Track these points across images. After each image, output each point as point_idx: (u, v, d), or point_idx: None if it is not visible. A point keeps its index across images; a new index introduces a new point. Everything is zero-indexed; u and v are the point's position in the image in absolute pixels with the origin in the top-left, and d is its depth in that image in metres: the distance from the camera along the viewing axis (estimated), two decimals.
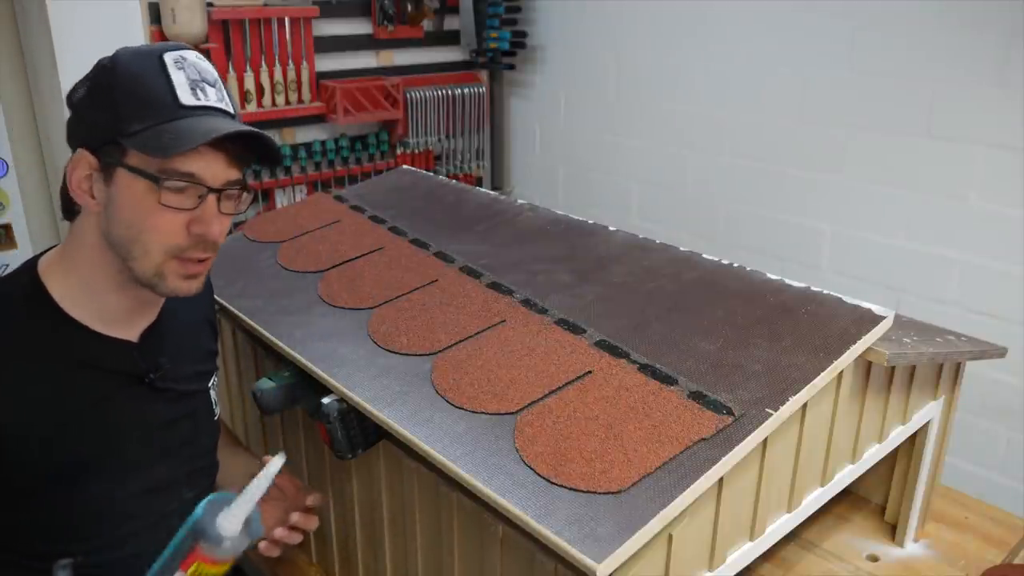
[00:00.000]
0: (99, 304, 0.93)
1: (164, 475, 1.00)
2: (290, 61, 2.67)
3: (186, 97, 0.87)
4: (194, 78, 0.89)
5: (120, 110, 0.86)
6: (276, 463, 0.81)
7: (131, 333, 0.97)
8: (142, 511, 0.98)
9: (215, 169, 0.89)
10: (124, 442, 0.96)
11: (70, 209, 0.94)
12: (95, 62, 0.90)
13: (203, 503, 0.76)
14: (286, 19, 2.62)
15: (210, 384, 1.11)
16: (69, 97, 0.91)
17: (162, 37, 2.39)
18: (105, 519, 0.95)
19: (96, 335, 0.93)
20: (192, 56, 0.91)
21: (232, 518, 0.76)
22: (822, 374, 0.92)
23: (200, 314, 1.13)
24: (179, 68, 0.88)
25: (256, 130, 0.90)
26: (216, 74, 0.93)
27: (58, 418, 0.90)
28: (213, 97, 0.90)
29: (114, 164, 0.87)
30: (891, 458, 1.33)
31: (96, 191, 0.89)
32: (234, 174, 0.91)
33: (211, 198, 0.89)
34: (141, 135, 0.85)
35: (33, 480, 0.89)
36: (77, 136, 0.90)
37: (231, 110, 0.93)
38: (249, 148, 0.92)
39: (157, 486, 0.99)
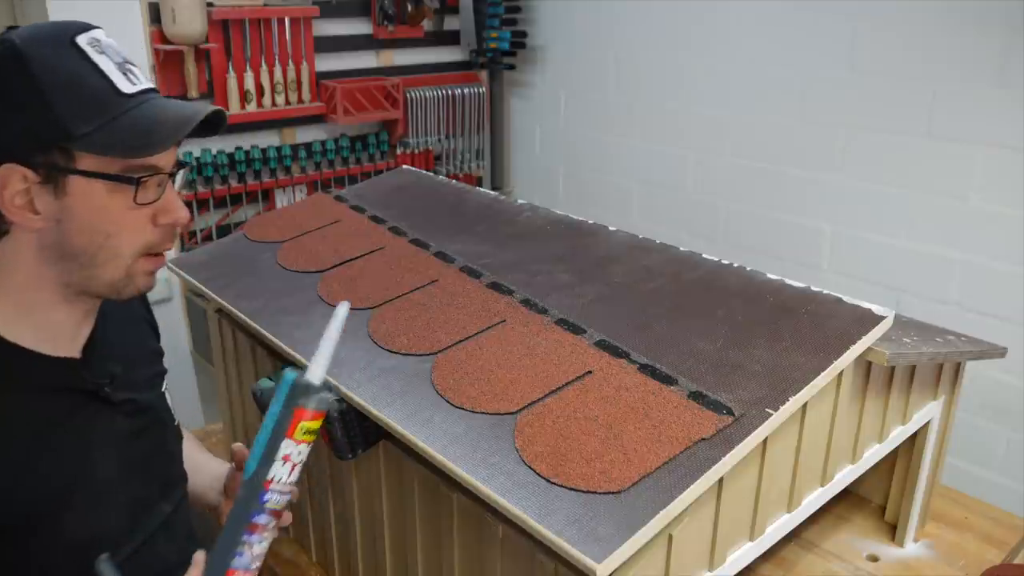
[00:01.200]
0: (38, 323, 0.86)
1: (140, 493, 0.94)
2: (290, 61, 2.67)
3: (124, 84, 0.80)
4: (118, 60, 0.82)
5: (56, 111, 0.76)
6: (343, 307, 0.78)
7: (74, 348, 0.90)
8: (125, 536, 0.92)
9: (169, 154, 0.84)
10: (91, 466, 0.88)
11: None
12: None
13: (286, 374, 0.76)
14: (286, 19, 2.62)
15: (164, 388, 1.04)
16: None
17: (162, 37, 2.39)
18: (88, 550, 0.84)
19: (39, 358, 0.85)
20: (101, 34, 0.83)
21: (319, 368, 0.76)
22: (822, 374, 0.92)
23: (136, 314, 1.06)
24: (100, 52, 0.80)
25: (216, 107, 0.86)
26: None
27: (13, 455, 0.82)
28: (142, 77, 0.84)
29: (63, 172, 0.78)
30: (891, 458, 1.33)
31: (40, 205, 0.79)
32: (175, 153, 0.87)
33: (169, 183, 0.85)
34: (93, 137, 0.77)
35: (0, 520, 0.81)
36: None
37: (155, 84, 0.89)
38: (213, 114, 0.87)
39: (135, 506, 0.93)
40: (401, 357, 1.07)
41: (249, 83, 2.59)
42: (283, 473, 0.74)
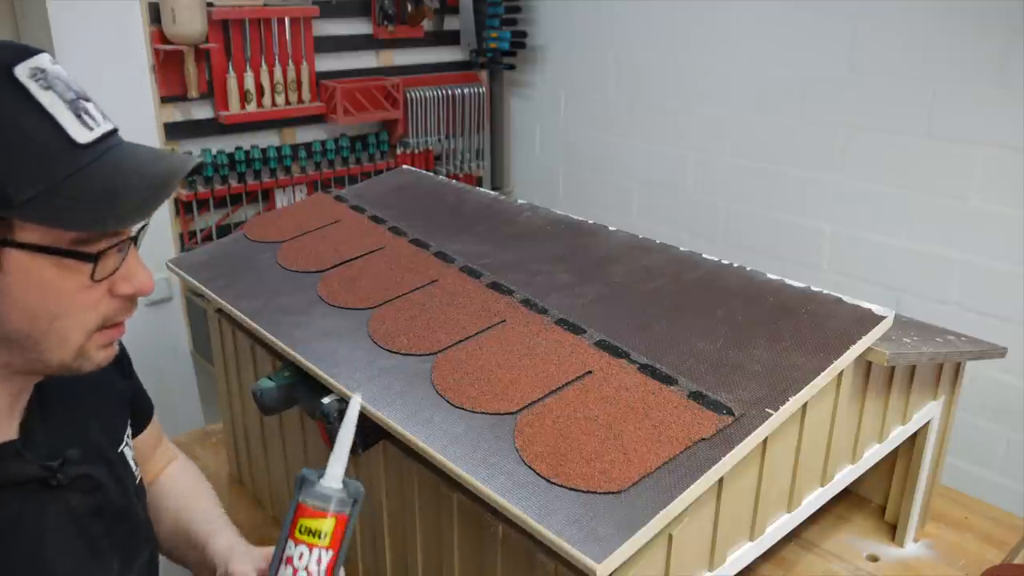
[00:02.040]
0: None
1: (96, 572, 0.82)
2: (290, 61, 2.67)
3: (78, 132, 0.65)
4: (69, 97, 0.65)
5: None
6: (355, 403, 0.72)
7: (9, 429, 0.75)
8: None
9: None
10: (43, 561, 0.75)
11: None
12: None
13: (303, 471, 0.72)
14: (286, 19, 2.62)
15: (124, 445, 0.90)
16: None
17: (162, 37, 2.39)
18: None
19: None
20: (46, 61, 0.66)
21: (332, 474, 0.72)
22: (822, 374, 0.92)
23: None
24: (46, 87, 0.64)
25: (189, 161, 0.71)
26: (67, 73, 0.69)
27: None
28: (99, 117, 0.68)
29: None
30: (891, 458, 1.33)
31: None
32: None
33: (132, 247, 0.71)
34: (37, 203, 0.62)
35: None
36: None
37: (112, 123, 0.70)
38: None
39: None
40: (401, 357, 1.07)
41: (249, 83, 2.59)
42: None
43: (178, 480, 1.10)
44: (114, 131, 0.70)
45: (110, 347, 0.75)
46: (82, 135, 0.65)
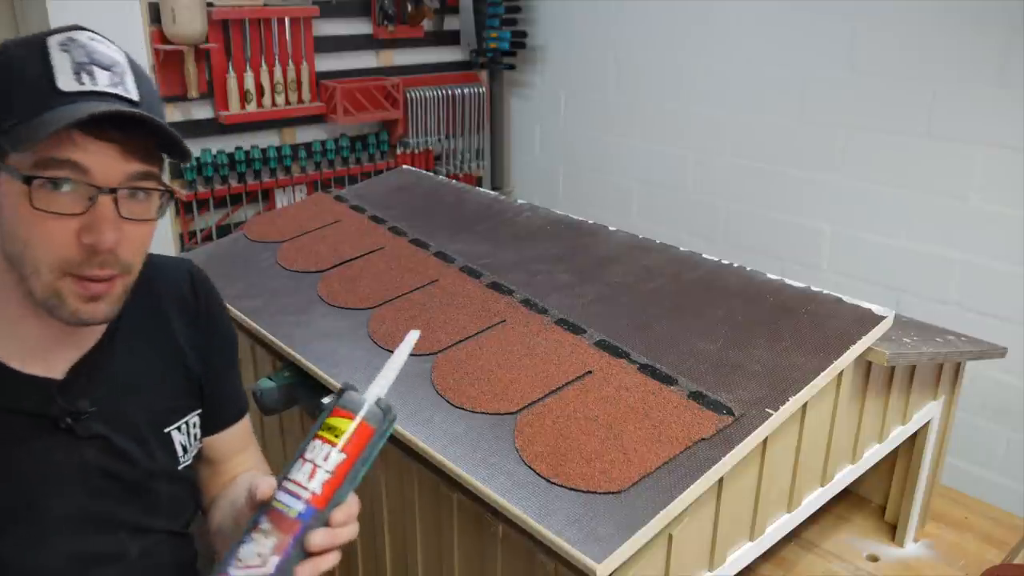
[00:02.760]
0: (10, 334, 0.79)
1: (102, 540, 0.85)
2: (290, 61, 2.67)
3: (65, 82, 0.73)
4: (80, 60, 0.74)
5: None
6: (412, 337, 0.73)
7: (58, 368, 0.81)
8: None
9: (107, 162, 0.73)
10: (39, 497, 0.80)
11: None
12: None
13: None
14: (286, 19, 2.62)
15: (174, 426, 0.92)
16: None
17: (162, 37, 2.39)
18: None
19: (5, 371, 0.79)
20: (84, 37, 0.76)
21: (372, 390, 0.70)
22: (822, 374, 0.92)
23: (169, 339, 0.93)
24: (64, 50, 0.74)
25: (135, 111, 0.73)
26: (121, 57, 0.77)
27: None
28: (104, 81, 0.74)
29: None
30: (891, 458, 1.33)
31: None
32: (135, 167, 0.75)
33: (104, 199, 0.73)
34: (14, 130, 0.71)
35: None
36: None
37: (131, 95, 0.76)
38: (155, 137, 0.77)
39: (92, 551, 0.84)
40: None
41: (249, 83, 2.59)
42: (299, 473, 0.68)
43: (239, 483, 1.02)
44: (113, 94, 0.74)
45: (90, 303, 0.77)
46: (68, 85, 0.73)
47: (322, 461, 0.67)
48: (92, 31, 0.78)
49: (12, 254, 0.75)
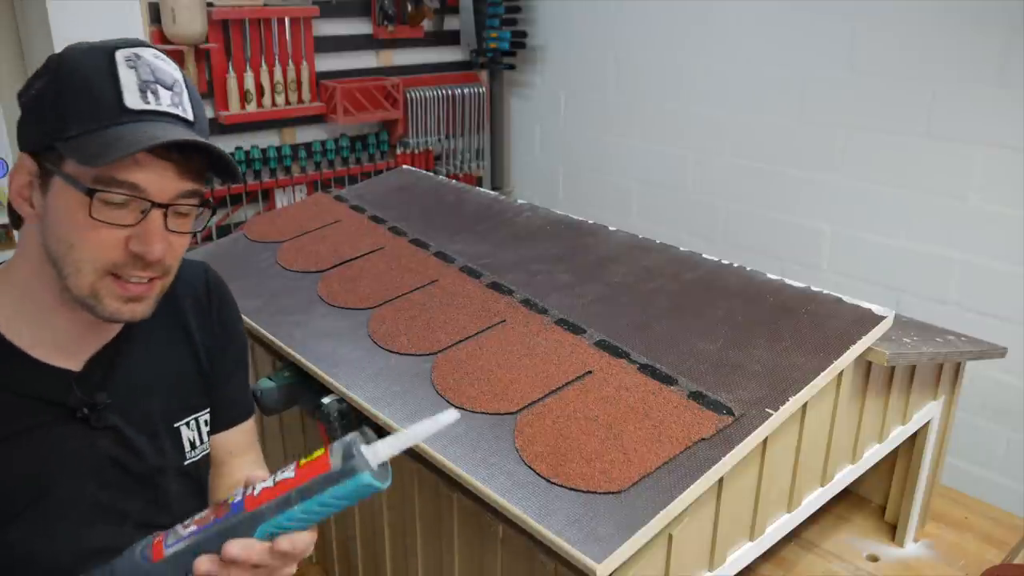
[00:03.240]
0: (39, 325, 0.83)
1: (108, 531, 0.86)
2: (290, 61, 2.67)
3: (132, 100, 0.77)
4: (146, 78, 0.78)
5: (61, 111, 0.77)
6: (451, 414, 0.66)
7: (75, 360, 0.86)
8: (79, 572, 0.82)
9: (163, 181, 0.78)
10: (50, 485, 0.83)
11: (17, 218, 0.84)
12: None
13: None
14: (286, 19, 2.62)
15: (183, 422, 0.95)
16: (20, 95, 0.81)
17: (162, 37, 2.39)
18: (33, 573, 0.80)
19: (28, 360, 0.82)
20: (149, 54, 0.80)
21: (383, 446, 0.65)
22: (822, 374, 0.92)
23: (179, 335, 0.96)
24: (130, 67, 0.78)
25: (201, 140, 0.79)
26: (179, 75, 0.82)
27: None
28: (167, 101, 0.79)
29: (52, 171, 0.77)
30: (891, 458, 1.33)
31: (35, 200, 0.80)
32: (187, 186, 0.80)
33: (155, 213, 0.78)
34: (76, 140, 0.76)
35: None
36: (22, 138, 0.81)
37: (188, 116, 0.81)
38: (207, 159, 0.81)
39: (98, 542, 0.85)
40: (401, 357, 1.07)
41: (249, 83, 2.58)
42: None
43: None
44: (174, 114, 0.79)
45: (129, 303, 0.81)
46: (134, 103, 0.77)
47: (280, 472, 0.68)
48: (155, 48, 0.82)
49: (55, 253, 0.79)
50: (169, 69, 0.81)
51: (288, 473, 0.67)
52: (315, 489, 0.65)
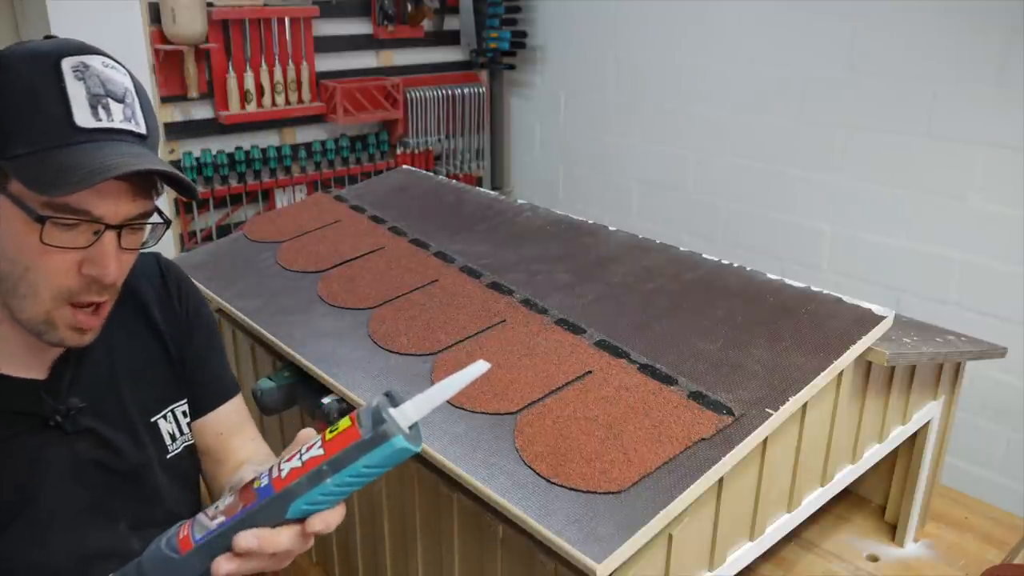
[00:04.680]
0: None
1: (100, 530, 0.86)
2: (290, 61, 2.67)
3: (83, 117, 0.72)
4: (96, 92, 0.74)
5: (5, 126, 0.71)
6: (481, 365, 0.63)
7: (38, 368, 0.83)
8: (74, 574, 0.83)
9: (116, 203, 0.75)
10: (34, 494, 0.81)
11: None
12: None
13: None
14: (286, 19, 2.62)
15: (160, 415, 0.93)
16: None
17: (162, 37, 2.39)
18: None
19: None
20: (98, 63, 0.75)
21: (412, 407, 0.63)
22: (822, 374, 0.92)
23: (144, 329, 0.94)
24: (79, 79, 0.73)
25: (163, 167, 0.75)
26: (129, 83, 0.77)
27: None
28: (119, 116, 0.75)
29: None
30: (891, 458, 1.33)
31: None
32: (140, 207, 0.77)
33: (109, 235, 0.75)
34: (24, 161, 0.71)
35: None
36: None
37: (141, 129, 0.77)
38: (161, 175, 0.78)
39: (93, 545, 0.85)
40: (401, 357, 1.08)
41: (249, 83, 2.59)
42: (287, 455, 0.66)
43: (247, 466, 1.01)
44: (127, 131, 0.75)
45: (80, 332, 0.79)
46: (85, 121, 0.72)
47: (305, 449, 0.65)
48: (103, 54, 0.77)
49: (4, 272, 0.76)
50: (119, 78, 0.76)
51: (316, 451, 0.63)
52: (348, 460, 0.62)
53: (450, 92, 3.08)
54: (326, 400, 1.04)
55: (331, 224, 1.51)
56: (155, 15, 2.38)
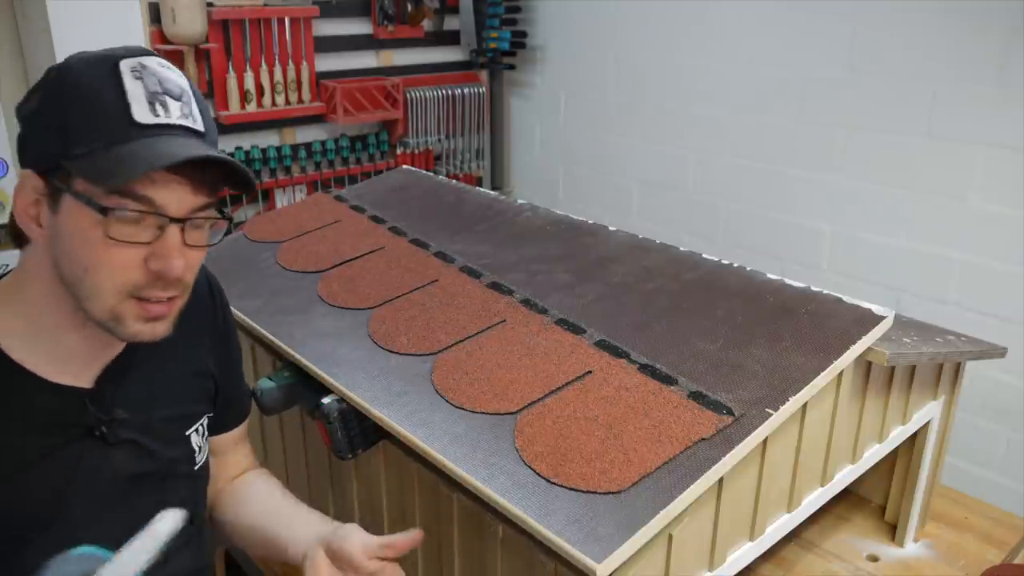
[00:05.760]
0: (51, 345, 0.81)
1: (124, 543, 0.84)
2: (290, 61, 2.67)
3: (141, 113, 0.74)
4: (154, 90, 0.76)
5: (66, 128, 0.74)
6: (170, 519, 0.71)
7: (86, 377, 0.84)
8: None
9: (178, 196, 0.76)
10: (69, 501, 0.82)
11: (19, 236, 0.81)
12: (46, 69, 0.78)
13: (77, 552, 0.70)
14: (286, 19, 2.62)
15: (192, 429, 0.95)
16: (19, 109, 0.78)
17: (162, 37, 2.39)
18: None
19: (41, 382, 0.80)
20: (154, 63, 0.78)
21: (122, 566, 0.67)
22: (822, 374, 0.92)
23: (180, 340, 0.91)
24: (136, 78, 0.75)
25: (219, 155, 0.77)
26: (185, 84, 0.80)
27: None
28: (176, 113, 0.77)
29: (61, 190, 0.74)
30: (891, 458, 1.33)
31: (43, 219, 0.77)
32: (202, 200, 0.78)
33: (173, 229, 0.76)
34: (85, 159, 0.73)
35: None
36: (25, 154, 0.77)
37: (199, 126, 0.79)
38: (221, 171, 0.79)
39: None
40: (401, 357, 1.08)
41: (249, 83, 2.58)
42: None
43: (258, 484, 1.07)
44: (184, 126, 0.77)
45: (150, 323, 0.80)
46: (144, 117, 0.74)
47: None
48: (159, 56, 0.80)
49: (70, 275, 0.77)
50: (176, 78, 0.79)
51: None
52: None
53: (450, 92, 3.08)
54: (326, 400, 1.04)
55: (331, 224, 1.51)
56: (155, 15, 2.38)
